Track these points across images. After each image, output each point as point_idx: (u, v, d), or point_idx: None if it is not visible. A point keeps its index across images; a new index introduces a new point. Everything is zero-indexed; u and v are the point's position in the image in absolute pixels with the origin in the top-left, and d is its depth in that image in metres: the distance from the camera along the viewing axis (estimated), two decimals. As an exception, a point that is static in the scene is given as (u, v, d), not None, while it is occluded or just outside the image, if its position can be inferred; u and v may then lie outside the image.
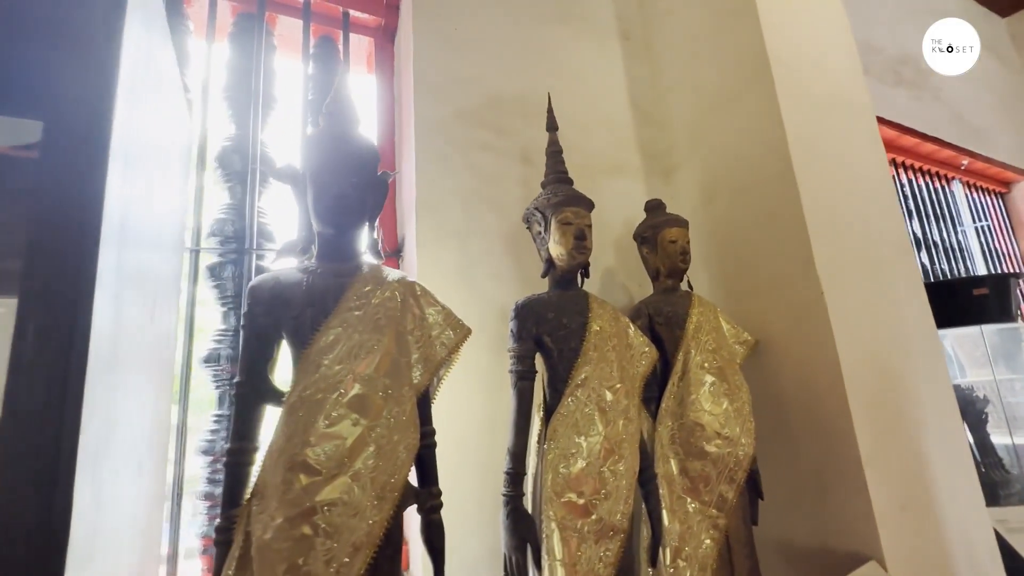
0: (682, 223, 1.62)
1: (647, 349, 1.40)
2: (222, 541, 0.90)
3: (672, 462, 1.41)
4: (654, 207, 1.69)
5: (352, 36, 1.85)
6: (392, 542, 0.93)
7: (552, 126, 1.47)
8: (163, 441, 1.05)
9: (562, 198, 1.32)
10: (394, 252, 1.65)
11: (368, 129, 1.80)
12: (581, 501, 1.13)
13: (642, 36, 2.24)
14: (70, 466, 0.54)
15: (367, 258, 1.15)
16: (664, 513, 1.35)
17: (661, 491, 1.37)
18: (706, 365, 1.48)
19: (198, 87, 1.56)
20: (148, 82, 0.80)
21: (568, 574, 1.05)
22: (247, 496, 0.92)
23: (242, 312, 1.02)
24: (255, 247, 1.49)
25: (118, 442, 0.69)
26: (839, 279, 1.53)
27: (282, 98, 1.72)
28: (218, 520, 0.92)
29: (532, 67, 1.88)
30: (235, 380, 0.99)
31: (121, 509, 0.73)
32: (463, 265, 1.55)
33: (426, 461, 1.06)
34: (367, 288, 1.04)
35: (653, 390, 1.51)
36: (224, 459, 0.95)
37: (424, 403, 1.08)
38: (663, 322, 1.54)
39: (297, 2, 1.75)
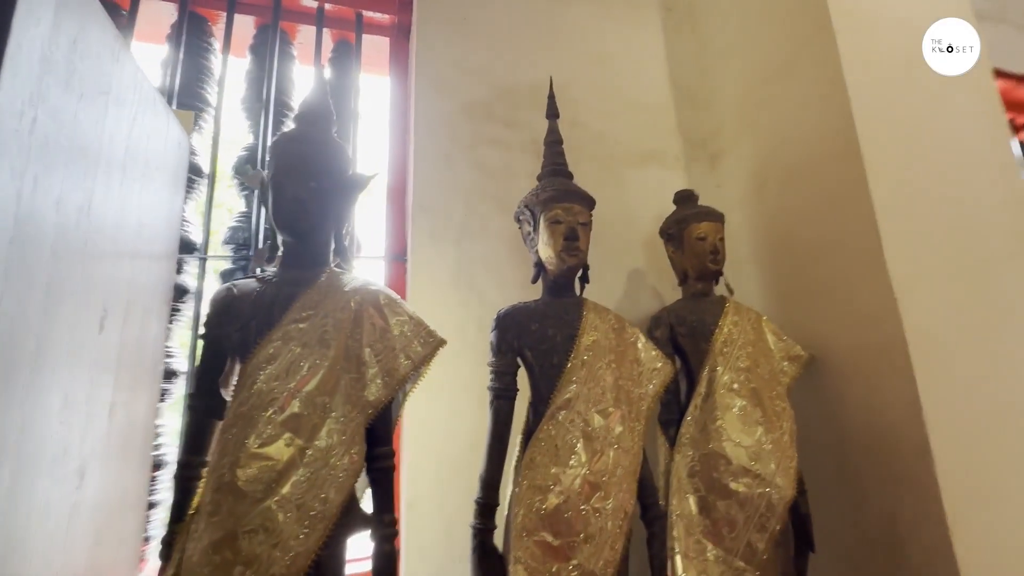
0: (714, 217, 1.39)
1: (659, 365, 1.20)
2: (164, 556, 0.89)
3: (690, 499, 1.19)
4: (683, 199, 1.47)
5: (370, 38, 1.83)
6: (324, 573, 0.86)
7: (552, 113, 1.32)
8: (138, 447, 1.08)
9: (551, 193, 1.16)
10: (400, 256, 1.60)
11: (381, 131, 1.77)
12: (557, 543, 0.98)
13: (686, 4, 1.98)
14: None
15: (337, 265, 1.10)
16: (678, 559, 1.14)
17: (676, 532, 1.16)
18: (735, 386, 1.24)
19: (230, 100, 1.63)
20: (76, 91, 0.80)
21: (531, 627, 0.92)
22: (191, 512, 0.91)
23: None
24: (262, 254, 1.51)
25: (16, 457, 0.69)
26: (919, 282, 1.20)
27: (302, 106, 1.74)
28: (164, 535, 0.91)
29: (549, 52, 1.73)
30: (188, 392, 0.98)
31: (31, 523, 0.73)
32: (462, 268, 1.45)
33: (381, 485, 0.98)
34: (317, 298, 0.98)
35: (673, 412, 1.30)
36: (175, 473, 0.94)
37: (383, 421, 1.00)
38: (686, 333, 1.33)
39: (313, 9, 1.76)
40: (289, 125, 1.14)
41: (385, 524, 0.95)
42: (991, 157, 1.41)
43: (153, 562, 1.21)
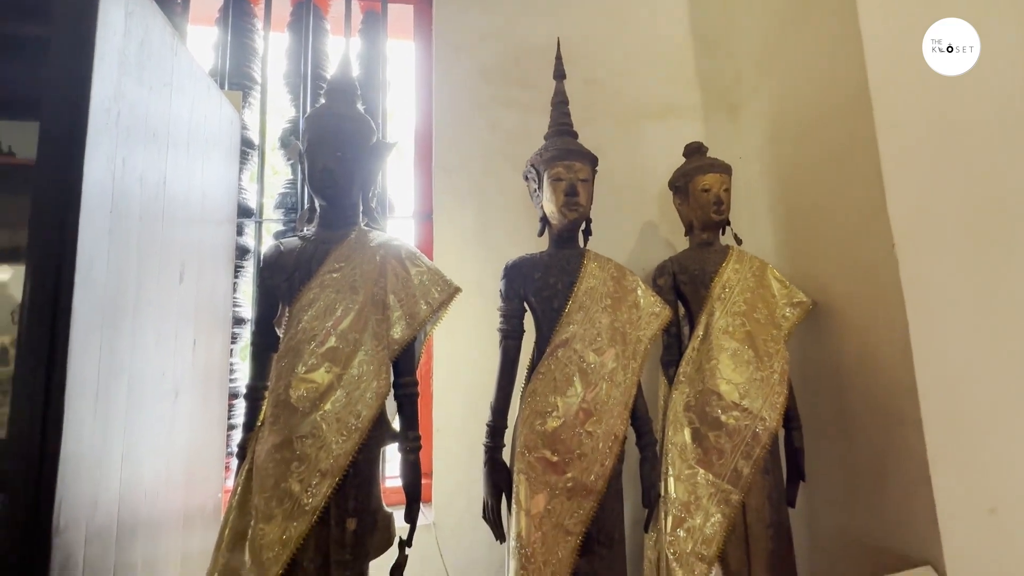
0: (719, 168, 1.43)
1: (657, 310, 1.30)
2: (240, 456, 1.13)
3: (685, 431, 1.32)
4: (692, 151, 1.51)
5: (395, 6, 1.92)
6: (360, 473, 1.07)
7: (559, 74, 1.39)
8: (216, 377, 1.33)
9: (554, 152, 1.26)
10: (427, 215, 1.75)
11: (411, 95, 1.89)
12: (555, 459, 1.14)
13: (712, -54, 1.91)
14: (60, 392, 0.74)
15: (365, 225, 1.26)
16: (671, 481, 1.29)
17: (670, 458, 1.30)
18: (730, 329, 1.33)
19: (272, 77, 1.80)
20: (146, 85, 0.98)
21: (529, 522, 1.10)
22: (259, 423, 1.14)
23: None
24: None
25: (128, 376, 0.92)
26: (920, 231, 1.22)
27: (337, 77, 1.88)
28: (239, 440, 1.15)
29: (565, 11, 1.76)
30: (252, 331, 1.20)
31: (144, 427, 0.97)
32: (481, 225, 1.59)
33: (406, 408, 1.17)
34: (347, 252, 1.15)
35: (674, 354, 1.41)
36: (244, 394, 1.18)
37: (407, 356, 1.18)
38: (687, 280, 1.41)
39: (342, -18, 1.87)
40: (321, 100, 1.28)
41: (410, 439, 1.15)
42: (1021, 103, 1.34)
43: (234, 469, 1.49)
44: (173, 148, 1.10)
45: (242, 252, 1.67)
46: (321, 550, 1.02)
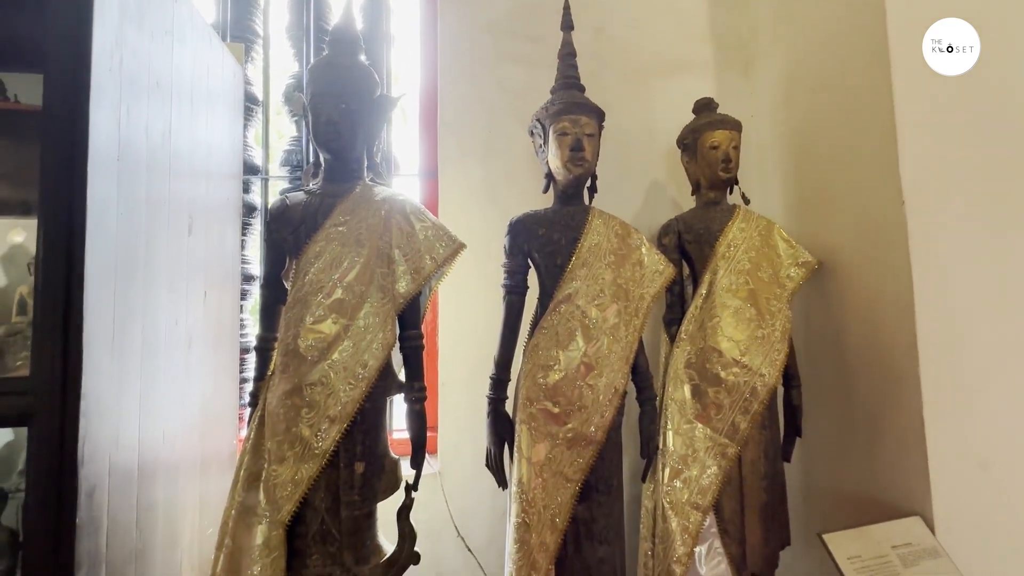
0: (729, 125, 1.40)
1: (661, 268, 1.30)
2: (252, 404, 1.17)
3: (685, 387, 1.34)
4: (702, 107, 1.48)
5: (399, -45, 1.86)
6: (368, 420, 1.11)
7: (567, 25, 1.35)
8: (228, 329, 1.37)
9: (560, 106, 1.24)
10: (432, 173, 1.74)
11: (416, 51, 1.85)
12: (556, 410, 1.17)
13: None
14: (77, 333, 0.77)
15: (370, 179, 1.26)
16: (669, 435, 1.32)
17: (669, 413, 1.33)
18: (734, 287, 1.33)
19: (275, 31, 1.77)
20: (148, 32, 0.97)
21: (531, 469, 1.14)
22: (269, 373, 1.18)
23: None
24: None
25: (142, 322, 0.95)
26: (931, 190, 1.20)
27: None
28: (251, 389, 1.19)
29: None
30: (260, 285, 1.22)
31: (159, 372, 1.01)
32: (486, 183, 1.58)
33: (411, 360, 1.20)
34: (352, 206, 1.16)
35: (676, 312, 1.42)
36: (254, 345, 1.21)
37: (412, 309, 1.20)
38: (692, 239, 1.41)
39: (344, -71, 1.80)
40: (324, 51, 1.26)
41: (415, 390, 1.18)
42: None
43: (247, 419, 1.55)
44: (176, 99, 1.09)
45: (249, 209, 1.68)
46: (331, 491, 1.07)
